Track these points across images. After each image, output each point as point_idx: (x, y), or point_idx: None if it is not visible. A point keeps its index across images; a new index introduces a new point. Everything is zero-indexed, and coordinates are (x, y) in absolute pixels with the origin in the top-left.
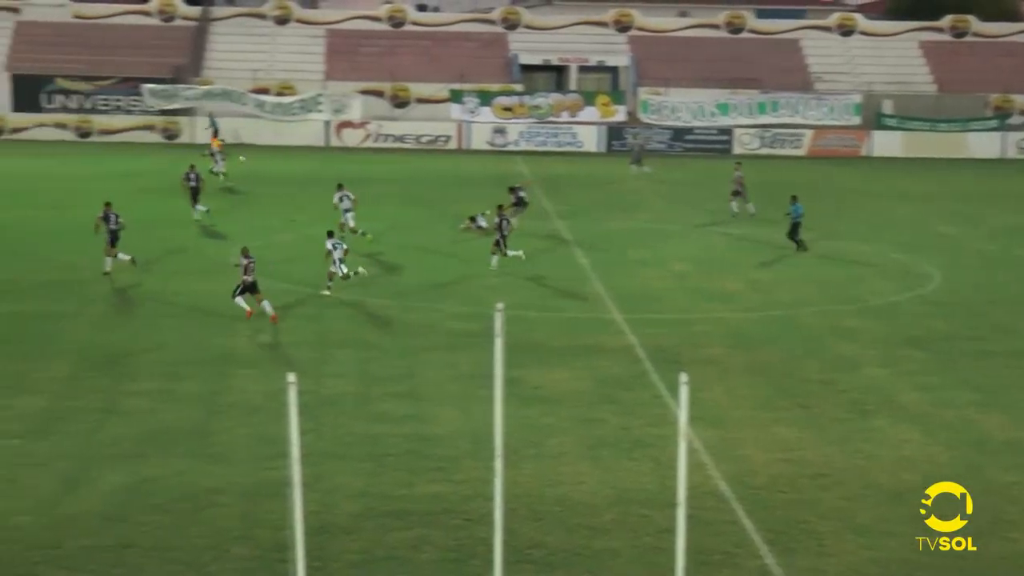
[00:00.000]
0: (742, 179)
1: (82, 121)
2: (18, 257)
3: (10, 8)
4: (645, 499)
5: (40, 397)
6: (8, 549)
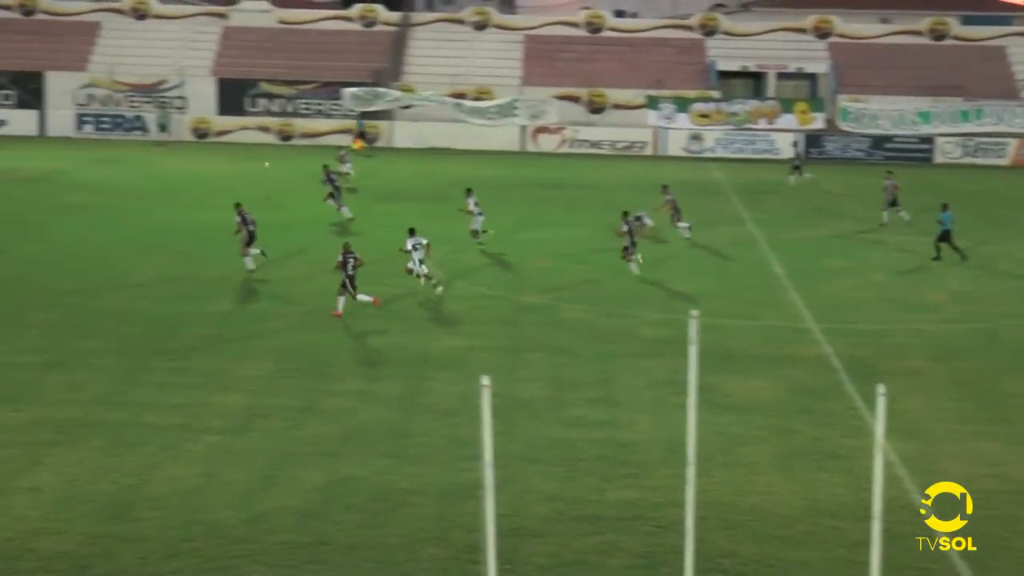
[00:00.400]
0: (894, 187)
1: (284, 124)
2: (224, 257)
3: (218, 14)
4: (838, 511)
5: (241, 395)
6: (208, 543)
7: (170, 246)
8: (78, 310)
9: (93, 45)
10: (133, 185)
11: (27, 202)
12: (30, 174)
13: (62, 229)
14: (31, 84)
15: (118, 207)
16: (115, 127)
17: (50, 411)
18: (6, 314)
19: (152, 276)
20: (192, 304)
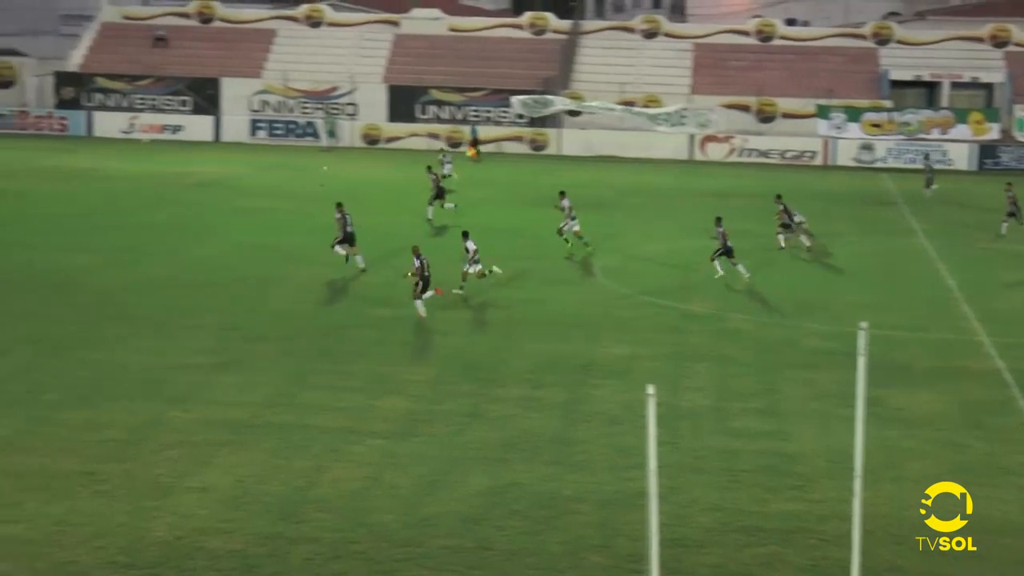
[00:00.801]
0: (1014, 199)
1: (453, 131)
2: (395, 264)
3: (390, 22)
4: (1009, 528)
5: (406, 399)
6: (372, 546)
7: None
8: (249, 313)
9: (268, 52)
10: (303, 190)
11: (202, 206)
12: (205, 179)
13: (235, 233)
14: (207, 90)
15: (289, 211)
16: (287, 133)
17: (220, 412)
18: (179, 316)
19: (321, 280)
20: (360, 308)
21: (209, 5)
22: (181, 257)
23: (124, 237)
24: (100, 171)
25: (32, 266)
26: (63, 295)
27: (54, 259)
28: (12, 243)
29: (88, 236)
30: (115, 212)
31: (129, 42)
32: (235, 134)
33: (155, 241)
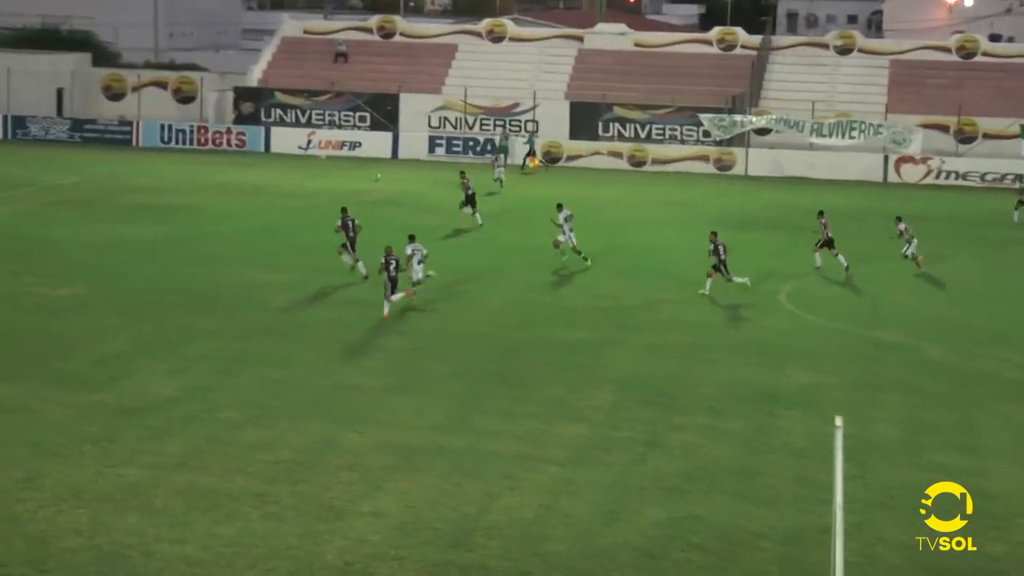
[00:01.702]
0: None
1: (636, 150)
2: (574, 284)
3: (574, 37)
4: None
5: (582, 425)
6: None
7: (518, 271)
8: (425, 333)
9: (448, 67)
10: (483, 210)
11: (380, 225)
12: (383, 196)
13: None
14: (386, 106)
15: (464, 230)
16: (466, 150)
17: (393, 435)
18: (357, 336)
19: (501, 301)
20: (539, 331)
21: (390, 19)
22: (357, 275)
23: (301, 254)
24: (278, 187)
25: (212, 283)
26: (243, 312)
27: (234, 275)
28: (192, 259)
29: (267, 253)
30: (293, 229)
31: (309, 57)
32: (413, 151)
33: (333, 259)
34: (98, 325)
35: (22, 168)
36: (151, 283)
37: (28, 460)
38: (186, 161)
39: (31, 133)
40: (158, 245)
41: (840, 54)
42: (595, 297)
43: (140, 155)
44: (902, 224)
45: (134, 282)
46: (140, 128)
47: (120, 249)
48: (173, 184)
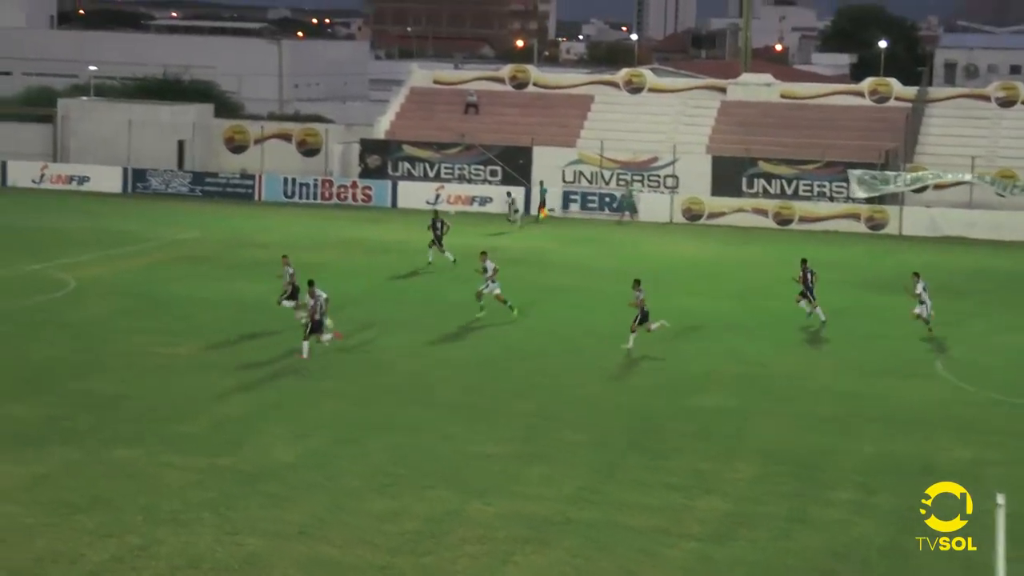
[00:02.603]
0: None
1: (782, 207)
2: (709, 349)
3: (716, 88)
4: None
5: (724, 499)
6: None
7: (650, 335)
8: (556, 399)
9: (584, 119)
10: (616, 267)
11: (511, 283)
12: (514, 254)
13: (542, 312)
14: (518, 160)
15: (595, 290)
16: (602, 206)
17: (523, 505)
18: (485, 400)
19: (632, 366)
20: (674, 398)
21: (523, 69)
22: (486, 338)
23: (431, 315)
24: (405, 244)
25: (336, 344)
26: (367, 374)
27: (360, 336)
28: None
29: (392, 313)
30: (419, 288)
31: (438, 108)
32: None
33: (461, 320)
34: (217, 386)
35: (142, 223)
36: (272, 343)
37: (144, 526)
38: (310, 216)
39: (151, 187)
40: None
41: (1002, 106)
42: (736, 362)
43: (262, 209)
44: (921, 283)
45: (255, 341)
46: (262, 182)
47: (241, 307)
48: (296, 240)
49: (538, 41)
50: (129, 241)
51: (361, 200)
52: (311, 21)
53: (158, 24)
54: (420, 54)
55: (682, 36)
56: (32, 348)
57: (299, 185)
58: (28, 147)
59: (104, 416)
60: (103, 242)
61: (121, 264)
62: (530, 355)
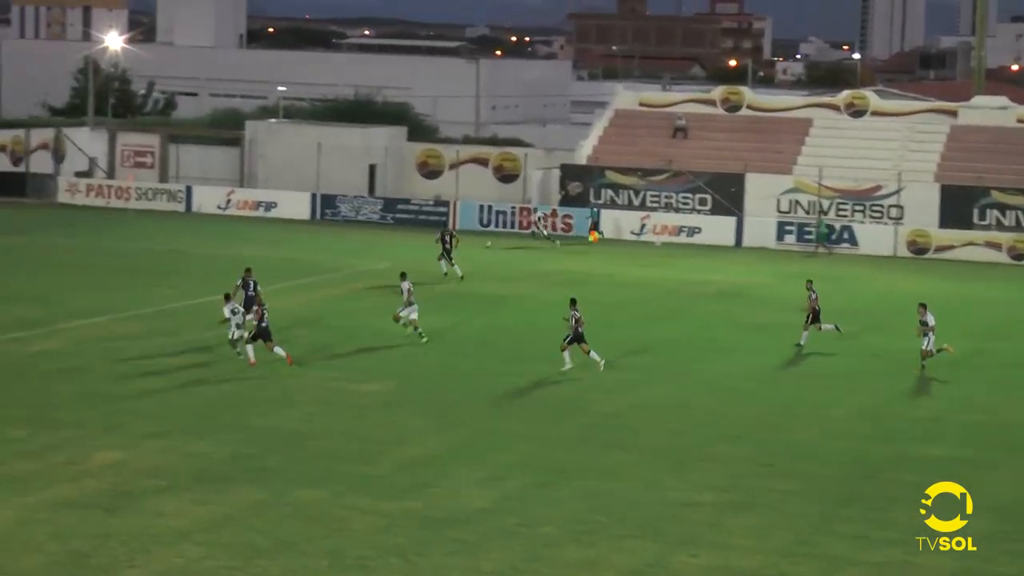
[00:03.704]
0: None
1: (1017, 240)
2: (935, 394)
3: (946, 111)
4: None
5: (952, 558)
6: None
7: (873, 376)
8: (766, 444)
9: (801, 145)
10: (836, 306)
11: (715, 319)
12: (721, 288)
13: (752, 352)
14: (730, 187)
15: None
16: (821, 239)
17: (731, 558)
18: (688, 444)
19: (851, 410)
20: (896, 445)
21: (736, 91)
22: (692, 377)
23: (631, 352)
24: (607, 276)
25: (534, 382)
26: (566, 416)
27: (556, 375)
28: (511, 355)
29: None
30: (623, 323)
31: (644, 132)
32: (759, 238)
33: (666, 357)
34: (407, 426)
35: (331, 252)
36: (465, 380)
37: (330, 572)
38: (508, 246)
39: (341, 213)
40: (472, 339)
41: None
42: (964, 409)
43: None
44: (928, 315)
45: (446, 379)
46: (457, 209)
47: (432, 342)
48: (492, 271)
49: (752, 61)
50: (317, 271)
51: (561, 229)
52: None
53: (350, 43)
54: (625, 74)
55: (909, 55)
56: (215, 382)
57: (495, 213)
58: (214, 171)
59: (290, 455)
60: (290, 272)
61: (308, 295)
62: (737, 396)
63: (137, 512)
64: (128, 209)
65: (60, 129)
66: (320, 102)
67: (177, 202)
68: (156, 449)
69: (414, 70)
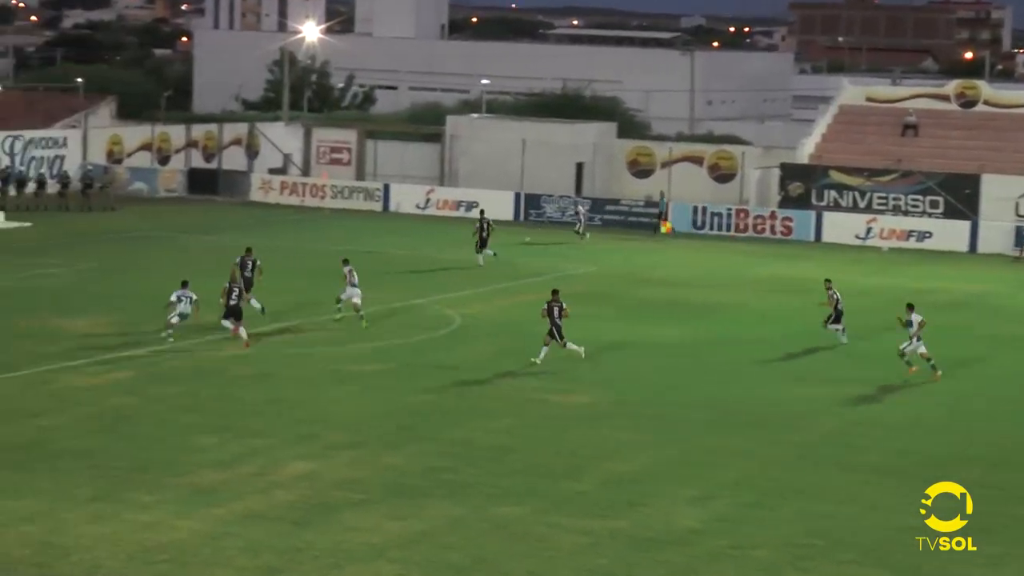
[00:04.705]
0: None
1: None
2: None
3: None
4: None
5: None
6: None
7: None
8: (1001, 467)
9: None
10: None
11: (953, 331)
12: (955, 297)
13: (991, 366)
14: (964, 189)
15: None
16: None
17: None
18: (921, 464)
19: None
20: None
21: (972, 85)
22: (922, 392)
23: (857, 364)
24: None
25: (747, 396)
26: (783, 433)
27: (774, 388)
28: (724, 367)
29: (814, 362)
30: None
31: (871, 129)
32: (996, 244)
33: (892, 371)
34: (613, 440)
35: (534, 254)
36: (674, 393)
37: None
38: (721, 250)
39: (546, 214)
40: (684, 349)
41: None
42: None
43: (667, 242)
44: (915, 315)
45: (654, 391)
46: (669, 210)
47: (639, 352)
48: (704, 277)
49: (990, 53)
50: (519, 275)
51: (780, 233)
52: (728, 30)
53: (557, 33)
54: (851, 68)
55: None
56: (411, 391)
57: (710, 215)
58: (413, 169)
59: (488, 469)
60: (491, 275)
61: (509, 300)
62: (976, 416)
63: (329, 526)
64: (323, 208)
65: (254, 124)
66: (525, 96)
67: (374, 201)
68: (349, 460)
69: (625, 62)
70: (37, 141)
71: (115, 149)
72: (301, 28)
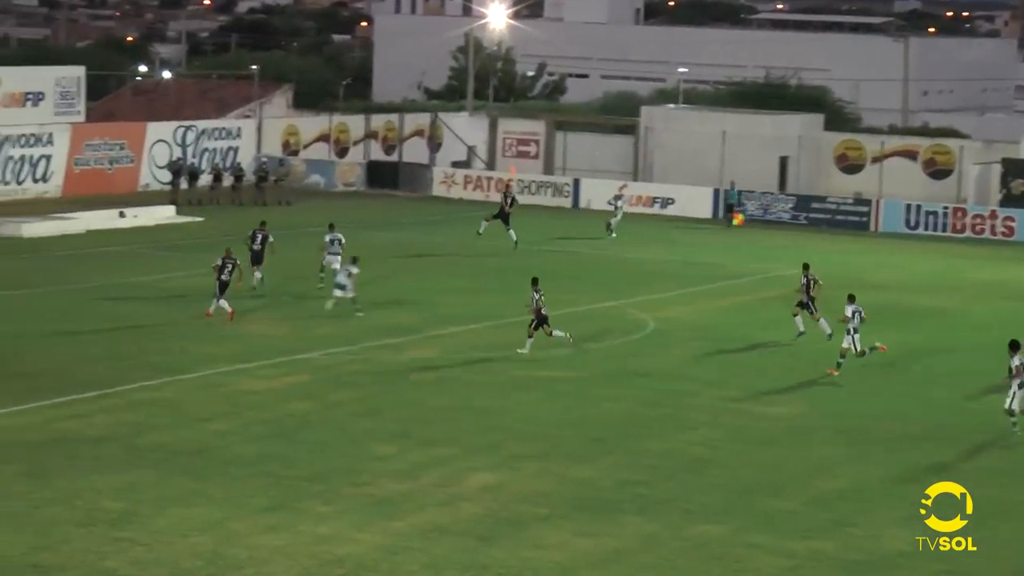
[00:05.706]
0: None
1: None
2: None
3: None
4: None
5: None
6: None
7: None
8: None
9: None
10: None
11: None
12: None
13: None
14: None
15: None
16: None
17: None
18: None
19: None
20: None
21: None
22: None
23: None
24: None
25: (957, 408)
26: (993, 447)
27: (986, 399)
28: (937, 378)
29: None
30: None
31: None
32: None
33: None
34: (818, 455)
35: (733, 254)
36: (882, 407)
37: None
38: (937, 251)
39: (746, 211)
40: (899, 358)
41: None
42: None
43: (878, 242)
44: (852, 306)
45: (862, 403)
46: (880, 208)
47: (850, 361)
48: (919, 281)
49: None
50: (718, 276)
51: (1001, 233)
52: (945, 14)
53: (761, 18)
54: None
55: None
56: (600, 399)
57: (924, 214)
58: (606, 163)
59: (685, 483)
60: (688, 277)
61: (707, 303)
62: None
63: (515, 542)
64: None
65: (436, 114)
66: (725, 85)
67: (563, 196)
68: (535, 472)
69: (833, 49)
70: (210, 132)
71: (291, 140)
72: (487, 12)
